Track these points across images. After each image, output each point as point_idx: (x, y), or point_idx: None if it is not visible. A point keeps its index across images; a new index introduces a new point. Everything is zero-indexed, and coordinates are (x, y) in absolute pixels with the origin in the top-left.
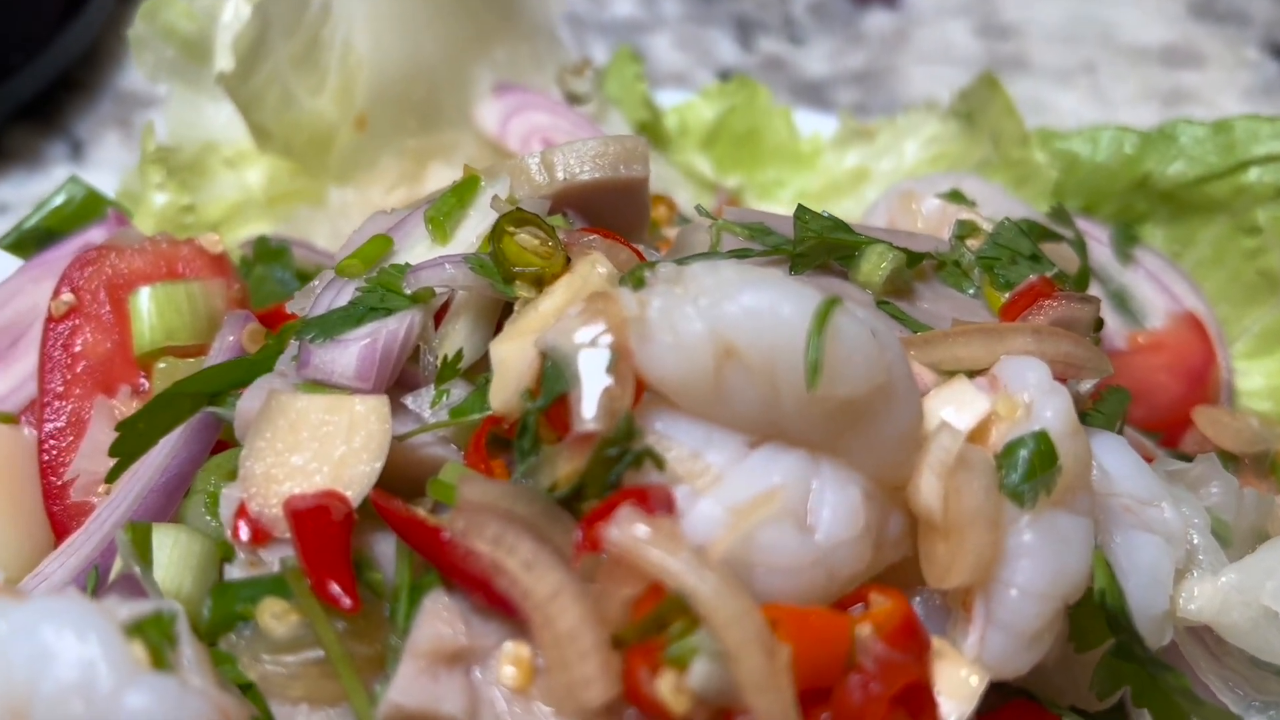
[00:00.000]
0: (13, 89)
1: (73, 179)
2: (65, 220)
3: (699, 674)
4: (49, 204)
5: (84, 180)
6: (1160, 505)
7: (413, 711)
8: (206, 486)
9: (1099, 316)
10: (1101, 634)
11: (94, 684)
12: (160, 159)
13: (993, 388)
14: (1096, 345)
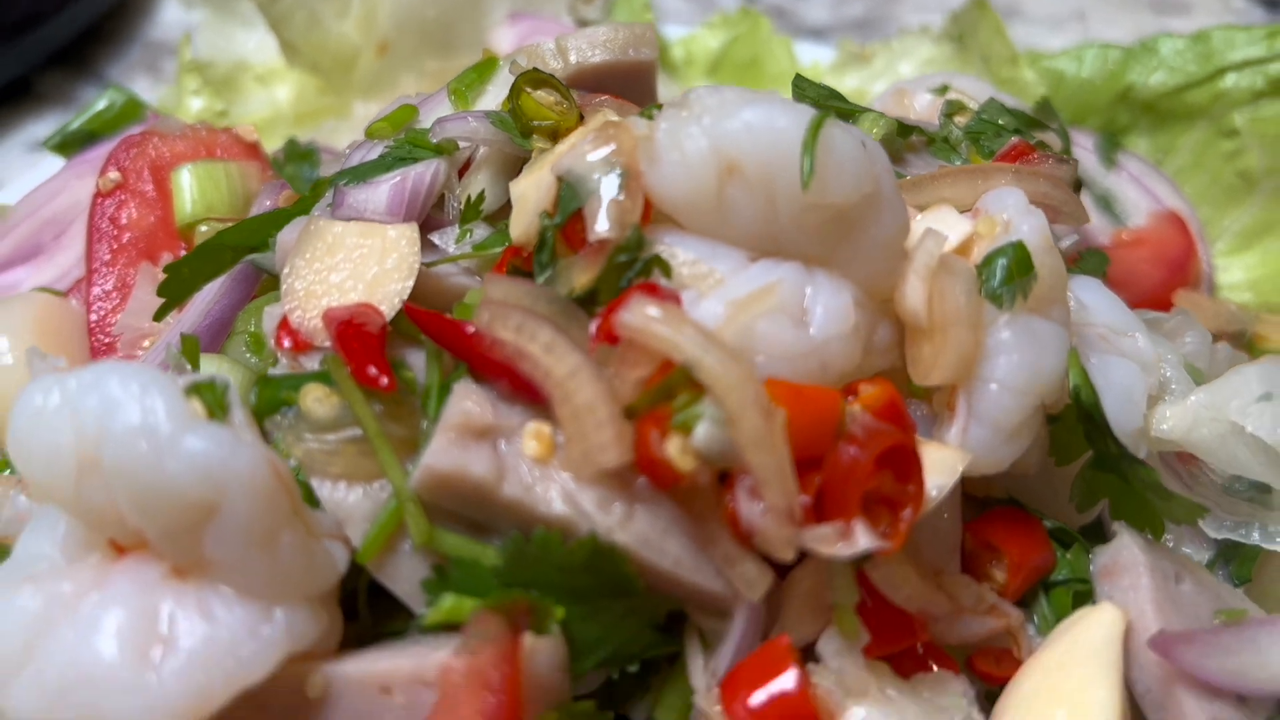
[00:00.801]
0: (46, 35)
1: (114, 87)
2: (107, 124)
3: (702, 435)
4: (92, 109)
5: (125, 88)
6: (1134, 335)
7: (445, 474)
8: (247, 328)
9: (1078, 178)
10: (1080, 446)
11: (156, 428)
12: (196, 69)
13: (975, 217)
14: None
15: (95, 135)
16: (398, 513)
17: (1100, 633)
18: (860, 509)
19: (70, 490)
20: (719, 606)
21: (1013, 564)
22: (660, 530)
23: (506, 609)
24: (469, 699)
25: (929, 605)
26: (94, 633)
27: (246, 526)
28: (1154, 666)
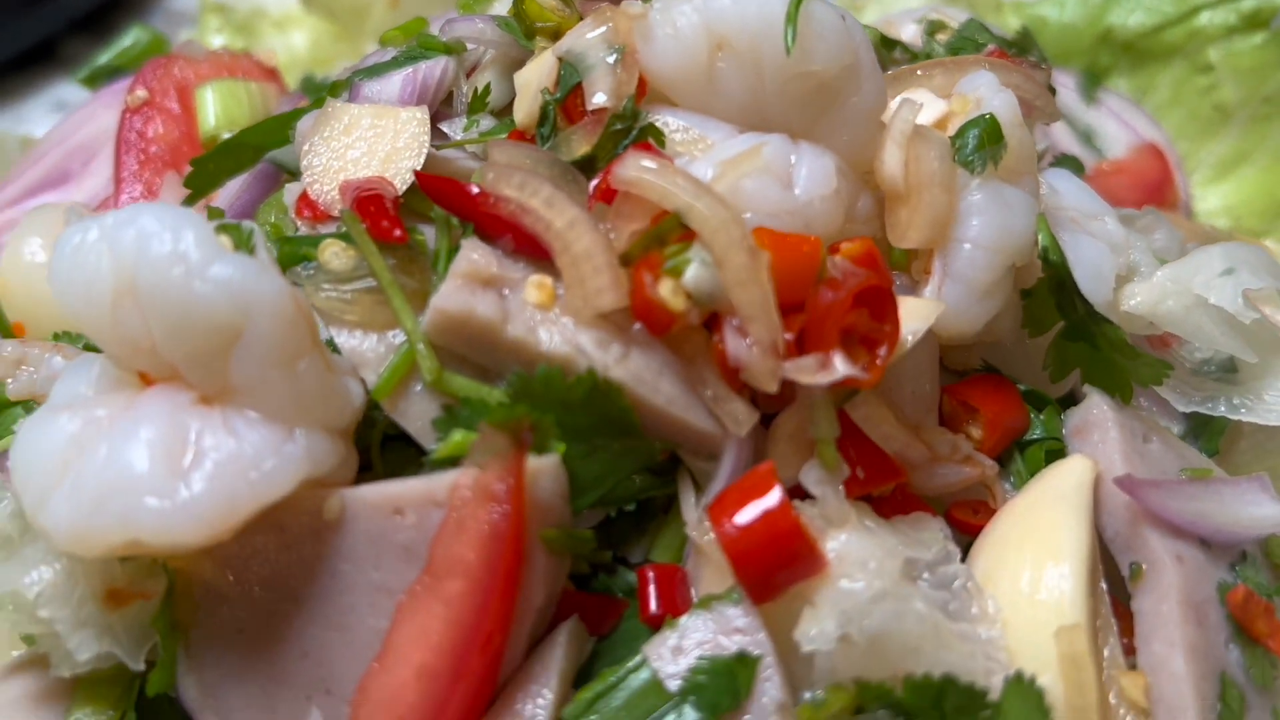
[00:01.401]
0: (68, 2)
1: (139, 25)
2: (132, 59)
3: (692, 276)
4: (118, 45)
5: (149, 26)
6: (1104, 219)
7: (453, 315)
8: (267, 220)
9: (1051, 85)
10: (1052, 317)
11: (187, 255)
12: (218, 9)
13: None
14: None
15: (121, 69)
16: (410, 355)
17: (1071, 480)
18: (839, 343)
19: (107, 319)
20: (709, 448)
21: (988, 421)
22: (654, 370)
23: (511, 426)
24: (476, 512)
25: (906, 450)
26: (127, 448)
27: (269, 349)
28: (1122, 510)
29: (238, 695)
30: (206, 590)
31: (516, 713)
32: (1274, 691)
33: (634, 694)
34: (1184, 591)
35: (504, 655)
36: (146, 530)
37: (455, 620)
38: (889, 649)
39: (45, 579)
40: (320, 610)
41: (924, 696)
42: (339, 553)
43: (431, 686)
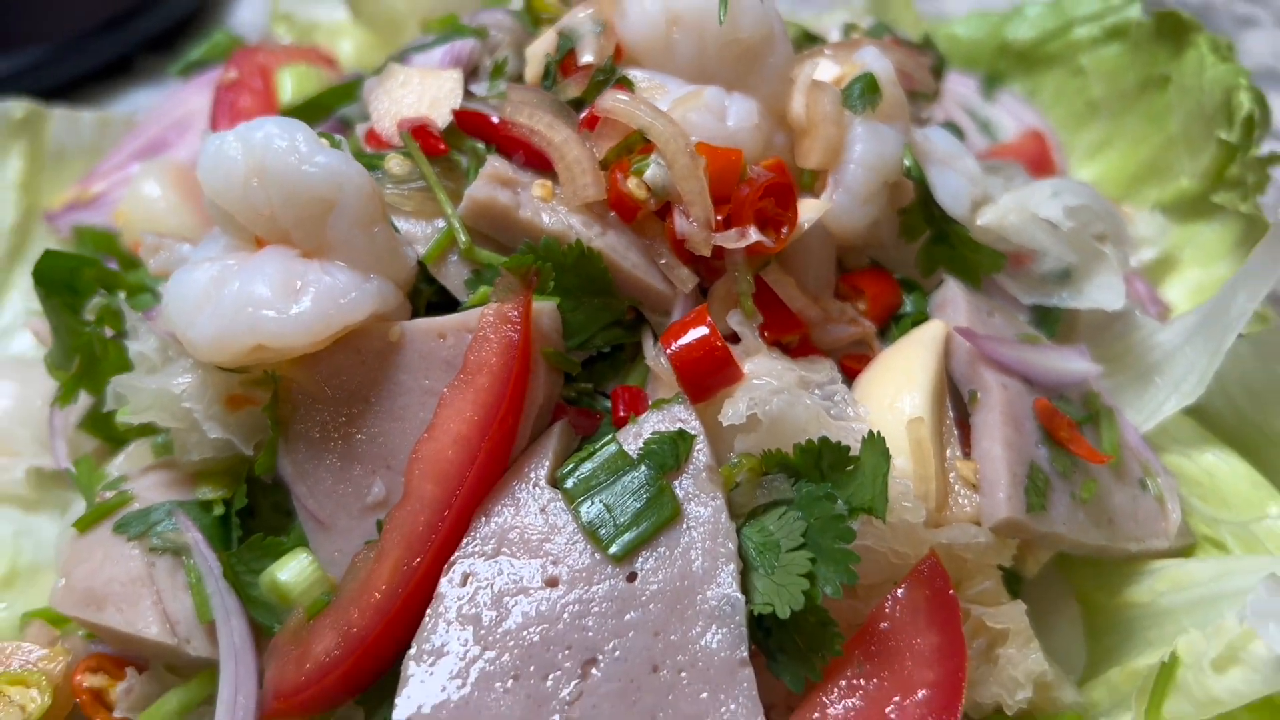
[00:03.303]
0: (144, 24)
1: (222, 30)
2: (217, 54)
3: (651, 173)
4: (207, 43)
5: (230, 30)
6: (964, 159)
7: (481, 201)
8: None
9: (938, 66)
10: (921, 227)
11: (299, 148)
12: (284, 18)
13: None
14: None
15: (207, 62)
16: (449, 234)
17: (927, 333)
18: (753, 221)
19: (239, 192)
20: (664, 305)
21: (871, 298)
22: (624, 244)
23: (522, 271)
24: (497, 330)
25: (806, 309)
26: (253, 281)
27: (355, 214)
28: (964, 354)
29: (322, 471)
30: (301, 394)
31: (524, 474)
32: (1073, 480)
33: (605, 459)
34: (1005, 406)
35: (515, 435)
36: (268, 335)
37: (481, 403)
38: (784, 428)
39: (188, 382)
40: (384, 408)
41: (808, 458)
42: (398, 366)
43: (464, 450)
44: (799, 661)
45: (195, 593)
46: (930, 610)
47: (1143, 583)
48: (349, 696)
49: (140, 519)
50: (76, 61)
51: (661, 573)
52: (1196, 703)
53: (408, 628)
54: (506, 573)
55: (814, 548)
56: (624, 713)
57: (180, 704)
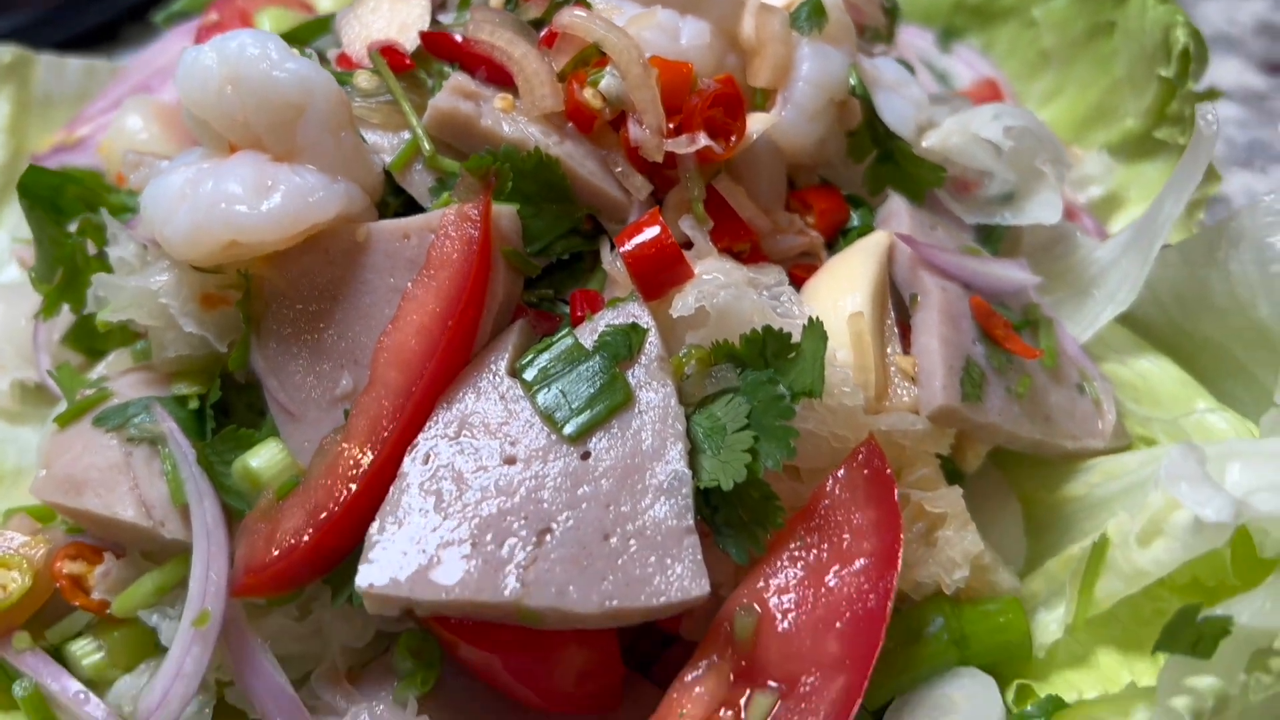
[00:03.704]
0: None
1: None
2: (198, 5)
3: (605, 83)
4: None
5: None
6: (910, 87)
7: (444, 111)
8: None
9: (891, 8)
10: (869, 148)
11: (271, 55)
12: None
13: None
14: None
15: (189, 13)
16: (414, 144)
17: (871, 240)
18: (703, 128)
19: (214, 99)
20: (620, 214)
21: (819, 212)
22: (581, 153)
23: (481, 172)
24: (458, 228)
25: (756, 219)
26: (226, 180)
27: (324, 119)
28: (906, 259)
29: (292, 365)
30: (273, 293)
31: (485, 365)
32: (1008, 376)
33: (562, 351)
34: (944, 306)
35: (476, 328)
36: (240, 229)
37: (443, 296)
38: (731, 321)
39: (165, 279)
40: (352, 306)
41: (752, 347)
42: (365, 266)
43: (426, 339)
44: (744, 535)
45: (170, 479)
46: (868, 487)
47: (1079, 478)
48: (316, 575)
49: (118, 412)
50: (62, 27)
51: (613, 452)
52: (1125, 578)
53: (372, 507)
54: (467, 452)
55: (757, 427)
56: (576, 576)
57: (155, 586)
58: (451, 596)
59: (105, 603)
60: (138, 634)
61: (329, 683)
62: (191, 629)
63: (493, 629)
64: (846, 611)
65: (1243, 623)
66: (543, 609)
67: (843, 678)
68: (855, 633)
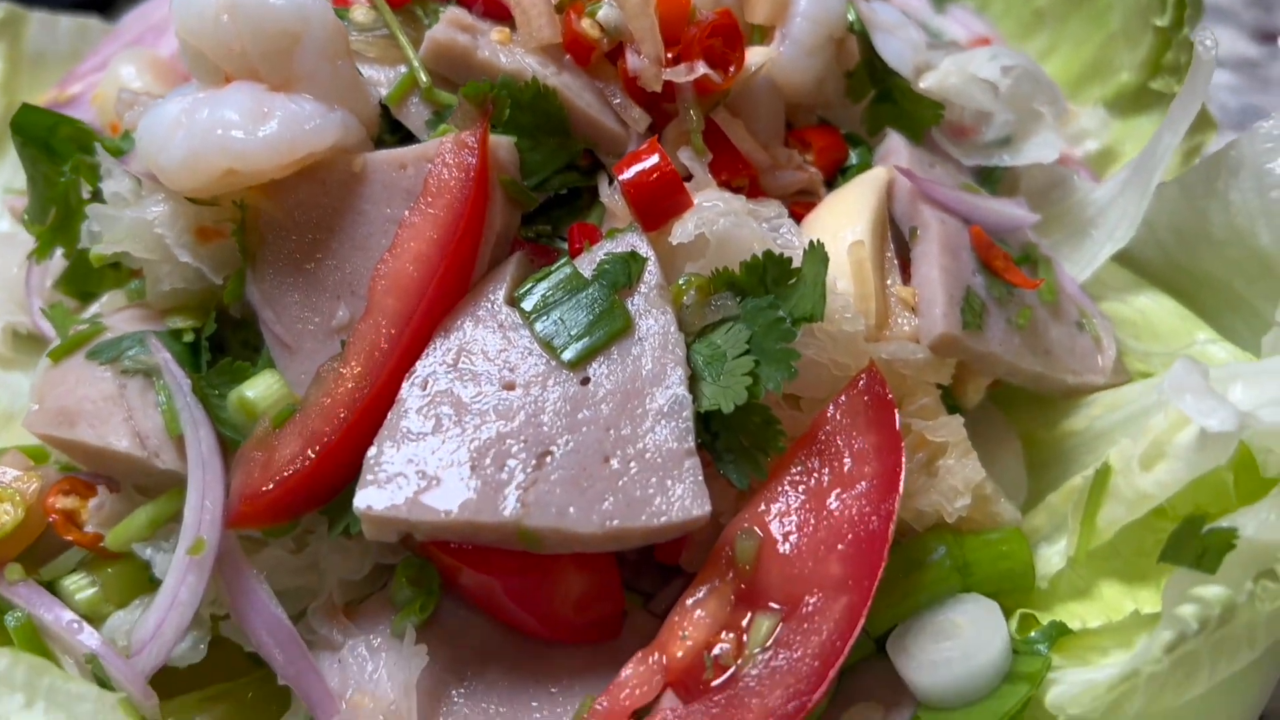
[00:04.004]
0: None
1: None
2: None
3: (603, 13)
4: None
5: None
6: (908, 29)
7: (441, 42)
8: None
9: None
10: (867, 88)
11: None
12: None
13: None
14: None
15: None
16: (410, 77)
17: (871, 175)
18: (701, 57)
19: (211, 30)
20: (618, 147)
21: (818, 149)
22: (579, 85)
23: (478, 99)
24: (455, 155)
25: (755, 153)
26: (222, 108)
27: (320, 46)
28: (905, 194)
29: (288, 297)
30: (269, 225)
31: (483, 295)
32: (1008, 308)
33: (561, 280)
34: (943, 238)
35: (474, 257)
36: (237, 156)
37: (441, 223)
38: (731, 249)
39: (161, 210)
40: (348, 237)
41: (753, 274)
42: (362, 196)
43: (424, 267)
44: (745, 460)
45: (165, 410)
46: (869, 412)
47: (1079, 413)
48: (313, 505)
49: (112, 346)
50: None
51: (613, 377)
52: (1128, 503)
53: (369, 434)
54: (466, 378)
55: (757, 351)
56: (577, 497)
57: (149, 519)
58: (451, 518)
59: (98, 536)
60: (131, 569)
61: (326, 617)
62: (186, 557)
63: (493, 554)
64: (849, 533)
65: (1248, 535)
66: (543, 529)
67: (845, 598)
68: (857, 554)
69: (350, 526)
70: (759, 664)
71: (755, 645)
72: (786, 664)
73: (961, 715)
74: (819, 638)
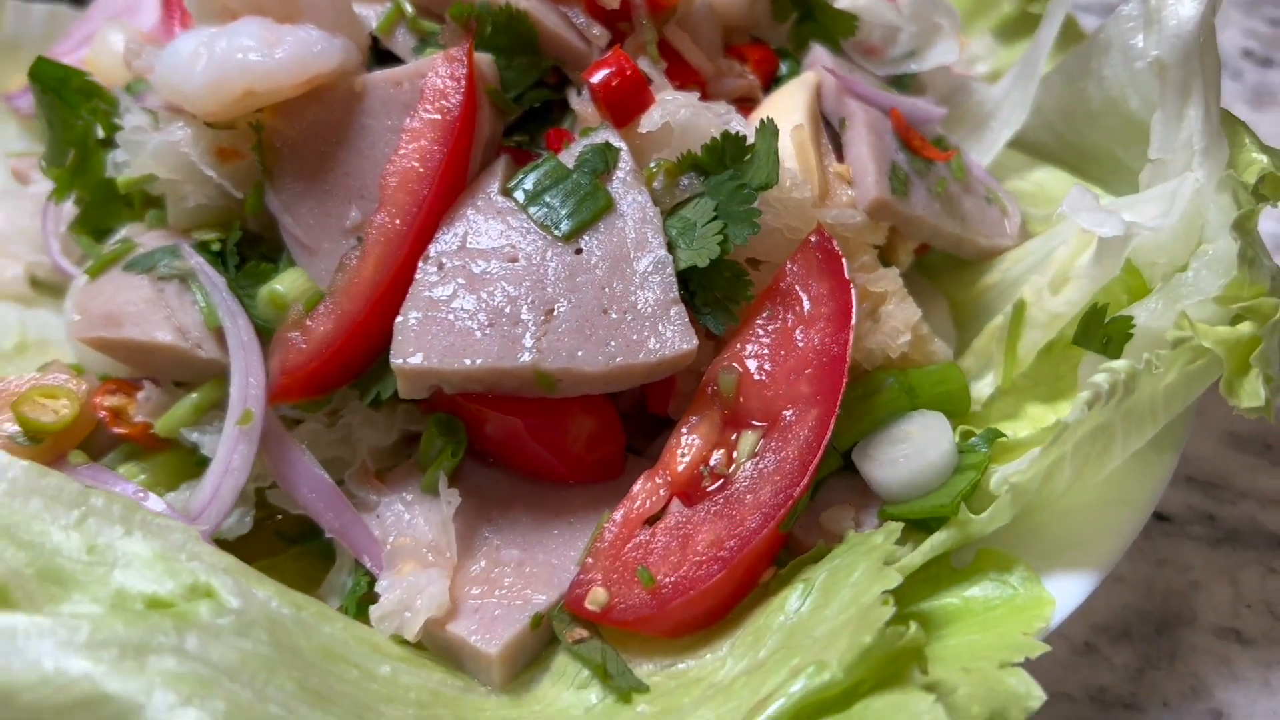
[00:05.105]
0: None
1: None
2: None
3: None
4: None
5: None
6: None
7: None
8: None
9: None
10: (789, 9)
11: None
12: None
13: None
14: None
15: None
16: (397, 8)
17: (802, 78)
18: None
19: None
20: (582, 62)
21: (754, 61)
22: (545, 8)
23: (463, 18)
24: (448, 67)
25: (702, 63)
26: (239, 35)
27: None
28: (833, 92)
29: (305, 204)
30: (283, 142)
31: (479, 189)
32: (928, 179)
33: (547, 170)
34: (868, 123)
35: (470, 156)
36: (256, 76)
37: (440, 125)
38: (691, 135)
39: (184, 133)
40: (354, 148)
41: (713, 154)
42: (364, 112)
43: (428, 163)
44: (719, 310)
45: (204, 307)
46: (821, 263)
47: (992, 270)
48: (345, 379)
49: (146, 258)
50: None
51: (602, 247)
52: (1043, 326)
53: (392, 310)
54: (474, 256)
55: (724, 216)
56: (583, 343)
57: (194, 406)
58: (476, 365)
59: (146, 425)
60: (177, 456)
61: (361, 482)
62: (236, 429)
63: (513, 401)
64: (814, 359)
65: (1141, 322)
66: (556, 371)
67: (815, 410)
68: (822, 375)
69: (380, 394)
70: (749, 469)
71: (744, 455)
72: (772, 465)
73: (920, 503)
74: (797, 443)
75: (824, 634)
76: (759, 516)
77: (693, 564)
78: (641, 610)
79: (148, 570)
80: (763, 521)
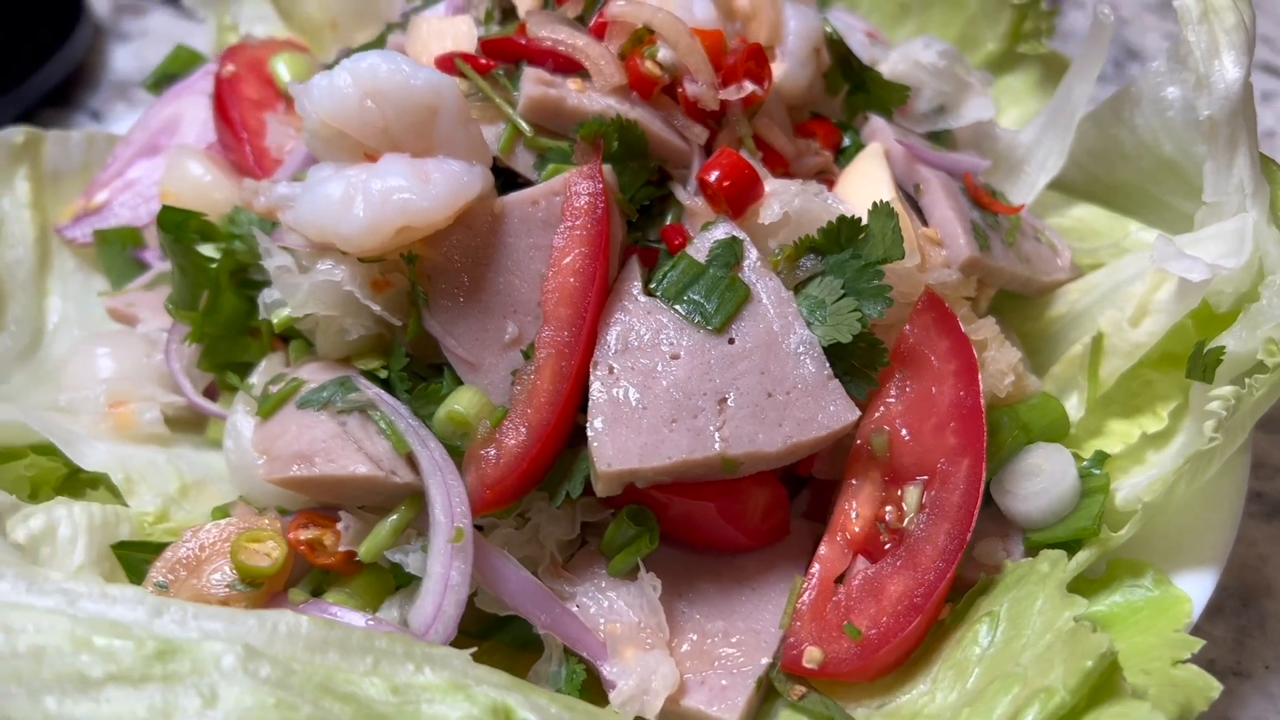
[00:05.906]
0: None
1: (179, 45)
2: (180, 66)
3: (662, 54)
4: (169, 58)
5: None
6: (856, 33)
7: (534, 97)
8: None
9: None
10: (841, 82)
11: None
12: (230, 28)
13: None
14: None
15: (172, 75)
16: (514, 129)
17: (871, 151)
18: (745, 77)
19: (355, 114)
20: (684, 160)
21: (821, 137)
22: (649, 115)
23: (592, 136)
24: (586, 185)
25: (786, 146)
26: (388, 177)
27: (455, 113)
28: (901, 161)
29: (463, 324)
30: (433, 269)
31: (625, 292)
32: (999, 231)
33: (684, 268)
34: (943, 187)
35: (609, 266)
36: (413, 214)
37: (587, 239)
38: (806, 221)
39: (342, 271)
40: (502, 266)
41: (830, 236)
42: (506, 232)
43: (582, 277)
44: (860, 377)
45: (390, 434)
46: (938, 324)
47: (1057, 303)
48: (536, 485)
49: (318, 393)
50: None
51: (752, 334)
52: (1124, 354)
53: (572, 419)
54: (639, 358)
55: (852, 293)
56: (759, 426)
57: (393, 527)
58: (671, 460)
59: (349, 554)
60: (375, 577)
61: (552, 576)
62: (449, 547)
63: (699, 485)
64: (954, 412)
65: (1230, 349)
66: (740, 456)
67: (966, 459)
68: (964, 426)
69: (570, 493)
70: (920, 520)
71: (912, 508)
72: (941, 514)
73: (1063, 527)
74: (959, 491)
75: (1031, 660)
76: (941, 563)
77: (891, 614)
78: (852, 661)
79: (450, 700)
80: (945, 567)
